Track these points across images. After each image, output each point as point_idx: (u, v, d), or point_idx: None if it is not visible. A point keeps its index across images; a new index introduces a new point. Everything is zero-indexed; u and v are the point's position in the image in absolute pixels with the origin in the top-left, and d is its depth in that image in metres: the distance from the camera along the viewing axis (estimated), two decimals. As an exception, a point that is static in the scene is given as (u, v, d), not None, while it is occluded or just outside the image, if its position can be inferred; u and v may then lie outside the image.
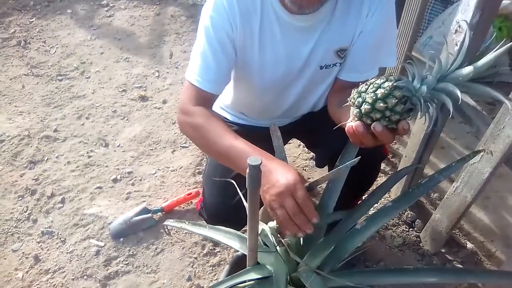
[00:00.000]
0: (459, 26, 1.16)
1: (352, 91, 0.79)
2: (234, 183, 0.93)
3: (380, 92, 0.73)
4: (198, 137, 1.05)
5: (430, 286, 1.48)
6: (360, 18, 1.05)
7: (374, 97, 0.73)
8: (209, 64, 1.06)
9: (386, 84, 0.73)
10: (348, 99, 0.80)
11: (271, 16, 1.04)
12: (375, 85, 0.75)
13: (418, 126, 1.49)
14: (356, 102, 0.76)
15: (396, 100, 0.72)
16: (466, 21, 0.99)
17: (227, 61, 1.08)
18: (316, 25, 1.05)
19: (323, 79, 1.19)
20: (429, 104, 0.70)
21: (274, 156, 1.08)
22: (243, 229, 1.20)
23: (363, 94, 0.76)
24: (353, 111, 0.78)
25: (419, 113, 0.71)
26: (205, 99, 1.08)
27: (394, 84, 0.72)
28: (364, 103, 0.75)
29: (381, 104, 0.72)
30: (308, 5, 0.97)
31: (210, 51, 1.06)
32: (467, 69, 0.67)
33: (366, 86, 0.76)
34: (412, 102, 0.73)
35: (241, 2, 1.02)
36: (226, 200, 1.17)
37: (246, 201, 0.79)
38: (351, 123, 0.79)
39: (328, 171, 1.43)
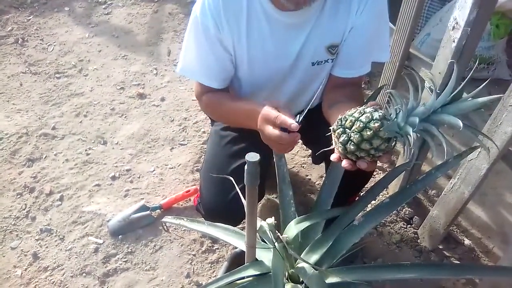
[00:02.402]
0: (456, 23, 1.16)
1: (336, 121, 0.81)
2: (232, 179, 0.93)
3: (366, 134, 0.74)
4: (212, 112, 1.26)
5: (428, 282, 1.49)
6: (349, 14, 1.05)
7: (359, 139, 0.75)
8: (204, 64, 1.11)
9: (372, 124, 0.75)
10: (331, 128, 0.82)
11: (258, 13, 1.04)
12: (360, 124, 0.76)
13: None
14: (341, 139, 0.78)
15: (382, 141, 0.75)
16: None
17: (216, 59, 1.11)
18: (305, 21, 1.05)
19: (316, 75, 1.20)
20: (411, 140, 0.72)
21: (272, 153, 1.08)
22: (241, 225, 1.21)
23: (347, 130, 0.77)
24: (338, 147, 0.80)
25: (403, 148, 0.75)
26: (210, 89, 1.16)
27: (381, 128, 0.74)
28: (349, 142, 0.77)
29: (367, 146, 0.75)
30: (304, 2, 0.98)
31: (201, 51, 1.10)
32: (453, 120, 0.71)
33: (351, 123, 0.77)
34: (396, 138, 0.76)
35: (225, 0, 1.02)
36: (223, 195, 1.18)
37: (244, 197, 0.79)
38: (335, 155, 0.82)
39: (325, 168, 1.43)
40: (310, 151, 1.93)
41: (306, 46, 1.09)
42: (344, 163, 0.79)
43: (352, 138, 0.76)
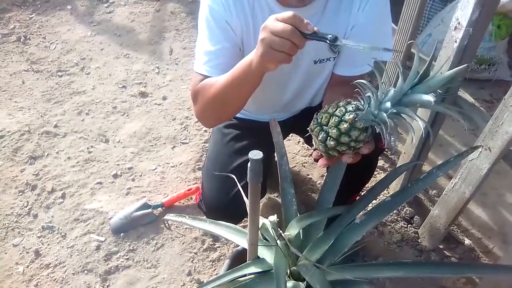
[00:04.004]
0: (459, 23, 1.17)
1: (312, 120, 0.81)
2: (234, 177, 0.94)
3: (343, 127, 0.75)
4: (207, 102, 1.04)
5: (428, 280, 1.50)
6: (351, 12, 1.06)
7: (337, 133, 0.76)
8: (214, 52, 1.08)
9: (346, 117, 0.75)
10: (308, 128, 0.83)
11: (264, 9, 1.05)
12: (335, 118, 0.76)
13: (416, 124, 1.50)
14: (320, 137, 0.78)
15: (359, 132, 0.76)
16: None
17: (231, 47, 1.09)
18: (308, 18, 1.06)
19: (318, 73, 1.20)
20: (389, 126, 0.73)
21: (274, 152, 1.09)
22: (242, 224, 1.22)
23: (325, 127, 0.78)
24: (318, 146, 0.80)
25: (382, 135, 0.75)
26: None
27: (356, 119, 0.75)
28: (328, 138, 0.77)
29: (346, 138, 0.76)
30: None
31: (213, 39, 1.07)
32: (424, 97, 0.72)
33: (327, 120, 0.78)
34: (373, 127, 0.77)
35: None
36: (225, 192, 1.19)
37: (245, 194, 0.80)
38: (316, 153, 0.83)
39: (326, 167, 1.44)
40: (311, 150, 1.94)
41: (308, 43, 1.10)
42: (321, 163, 0.80)
43: (330, 133, 0.77)
